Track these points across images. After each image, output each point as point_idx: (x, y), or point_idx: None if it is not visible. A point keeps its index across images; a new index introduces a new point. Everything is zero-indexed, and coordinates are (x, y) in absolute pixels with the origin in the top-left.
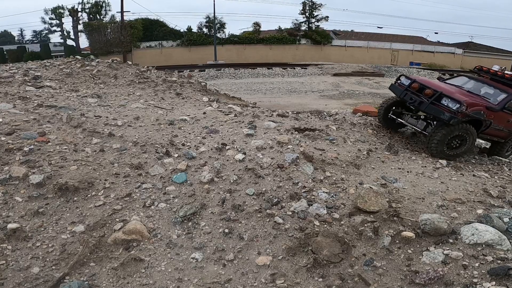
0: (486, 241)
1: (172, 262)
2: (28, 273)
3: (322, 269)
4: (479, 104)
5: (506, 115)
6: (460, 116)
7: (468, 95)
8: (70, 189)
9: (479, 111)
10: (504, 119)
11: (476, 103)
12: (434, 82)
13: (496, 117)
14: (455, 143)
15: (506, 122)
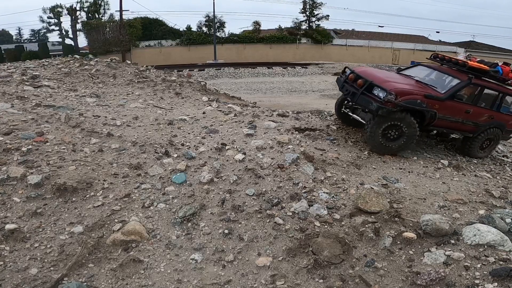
0: (488, 242)
1: (172, 263)
2: (26, 274)
3: (323, 270)
4: (413, 93)
5: (460, 104)
6: (390, 105)
7: (409, 84)
8: (68, 190)
9: (413, 99)
10: (460, 110)
11: (409, 92)
12: (373, 72)
13: (445, 107)
14: (393, 134)
15: (465, 113)
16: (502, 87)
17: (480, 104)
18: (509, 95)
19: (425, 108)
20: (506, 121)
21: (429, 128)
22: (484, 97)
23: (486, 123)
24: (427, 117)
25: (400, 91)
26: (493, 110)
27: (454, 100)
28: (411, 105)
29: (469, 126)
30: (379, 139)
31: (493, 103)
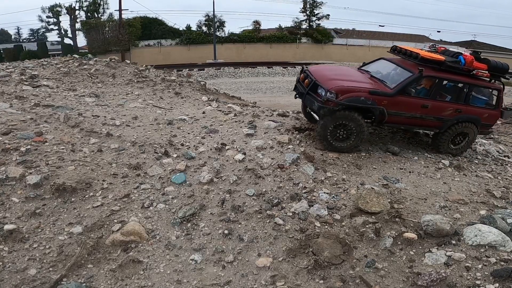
0: (489, 243)
1: (171, 264)
2: (25, 275)
3: (323, 270)
4: (355, 90)
5: (414, 99)
6: (331, 104)
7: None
8: (67, 190)
9: (356, 97)
10: (415, 105)
11: (351, 89)
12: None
13: (396, 103)
14: (342, 134)
15: (421, 108)
16: (466, 77)
17: (442, 98)
18: (477, 86)
19: (370, 105)
20: (480, 114)
21: (384, 125)
22: (445, 89)
23: (453, 117)
24: (376, 114)
25: (341, 89)
26: (460, 103)
27: (405, 95)
28: (354, 103)
29: (432, 122)
30: (328, 139)
31: (458, 96)
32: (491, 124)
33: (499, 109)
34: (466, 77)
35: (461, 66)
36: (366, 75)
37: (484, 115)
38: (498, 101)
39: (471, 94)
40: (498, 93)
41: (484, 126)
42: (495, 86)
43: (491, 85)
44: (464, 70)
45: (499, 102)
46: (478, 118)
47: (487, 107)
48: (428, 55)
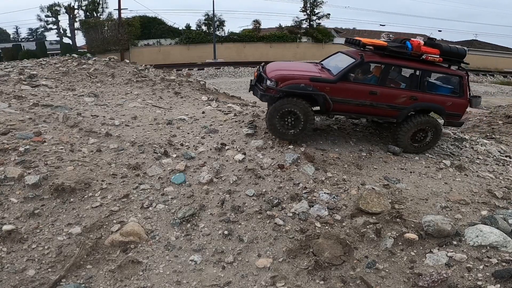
0: (490, 243)
1: (171, 265)
2: (24, 276)
3: (324, 271)
4: (295, 78)
5: (360, 86)
6: (272, 92)
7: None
8: (66, 190)
9: (296, 84)
10: (361, 91)
11: (291, 77)
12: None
13: (339, 90)
14: (290, 121)
15: (370, 94)
16: (417, 63)
17: (395, 84)
18: (432, 71)
19: (311, 91)
20: (442, 102)
21: (332, 113)
22: (397, 76)
23: (408, 105)
24: (320, 101)
25: (280, 77)
26: (414, 90)
27: (349, 82)
28: (293, 89)
29: (385, 110)
30: (277, 127)
31: (412, 83)
32: (459, 114)
33: (466, 97)
34: (416, 62)
35: (408, 51)
36: (318, 67)
37: (448, 103)
38: (463, 88)
39: (426, 80)
40: (460, 80)
41: (451, 116)
42: (455, 72)
43: (450, 71)
44: (412, 55)
45: (464, 90)
46: (440, 107)
47: (452, 95)
48: (369, 41)
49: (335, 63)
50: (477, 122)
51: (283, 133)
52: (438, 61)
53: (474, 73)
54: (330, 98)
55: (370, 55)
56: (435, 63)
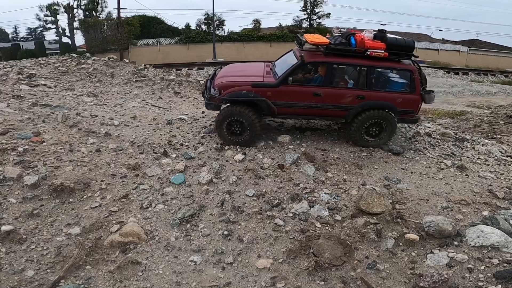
0: (492, 244)
1: (170, 265)
2: (23, 277)
3: (324, 272)
4: (237, 85)
5: (302, 88)
6: (216, 101)
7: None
8: (65, 190)
9: (237, 91)
10: (304, 93)
11: (233, 84)
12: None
13: (282, 93)
14: (236, 129)
15: (314, 96)
16: (362, 59)
17: (342, 84)
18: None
19: (253, 97)
20: (392, 100)
21: (279, 116)
22: (343, 75)
23: (356, 105)
24: (263, 106)
25: (223, 86)
26: (361, 88)
27: (291, 85)
28: (235, 97)
29: (332, 111)
30: (225, 134)
31: (359, 81)
32: (413, 111)
33: (418, 92)
34: (361, 59)
35: (352, 47)
36: (267, 69)
37: (398, 100)
38: (414, 83)
39: (373, 77)
40: (411, 74)
41: (404, 113)
42: (404, 66)
43: (399, 66)
44: (357, 51)
45: (416, 85)
46: (391, 105)
47: (403, 92)
48: (312, 40)
49: (283, 64)
50: (478, 122)
51: (232, 140)
52: (383, 56)
53: (475, 72)
54: (273, 102)
55: (312, 55)
56: (381, 58)
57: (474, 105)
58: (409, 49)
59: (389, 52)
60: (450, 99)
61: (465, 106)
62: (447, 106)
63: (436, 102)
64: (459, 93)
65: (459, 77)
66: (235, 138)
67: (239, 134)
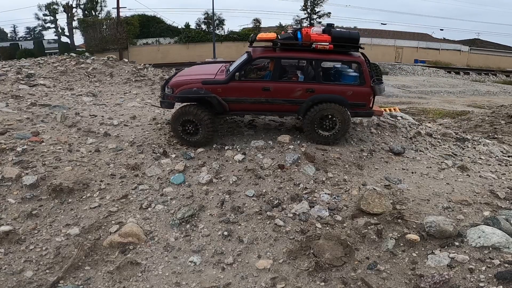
0: (493, 244)
1: (170, 266)
2: (21, 277)
3: (324, 273)
4: (189, 83)
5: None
6: (169, 99)
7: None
8: (64, 191)
9: (189, 89)
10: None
11: (185, 83)
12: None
13: (232, 89)
14: (191, 128)
15: (263, 91)
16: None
17: (292, 78)
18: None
19: (203, 94)
20: (341, 93)
21: (231, 113)
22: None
23: (306, 98)
24: (214, 103)
25: (176, 84)
26: (311, 82)
27: (240, 81)
28: (186, 94)
29: (284, 105)
30: (180, 134)
31: (308, 74)
32: (364, 104)
33: (368, 84)
34: (308, 52)
35: (299, 41)
36: (223, 68)
37: (348, 93)
38: (363, 75)
39: (321, 70)
40: (359, 66)
41: (356, 106)
42: (352, 58)
43: (346, 58)
44: (304, 45)
45: (365, 77)
46: (341, 98)
47: (353, 84)
48: (260, 36)
49: (236, 63)
50: (479, 122)
51: (187, 140)
52: (329, 49)
53: (477, 72)
54: (223, 98)
55: (262, 51)
56: (328, 51)
57: (475, 105)
58: (354, 41)
59: (335, 45)
60: (451, 99)
61: (466, 106)
62: (448, 106)
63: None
64: (460, 93)
65: (460, 76)
66: (189, 137)
67: (193, 134)
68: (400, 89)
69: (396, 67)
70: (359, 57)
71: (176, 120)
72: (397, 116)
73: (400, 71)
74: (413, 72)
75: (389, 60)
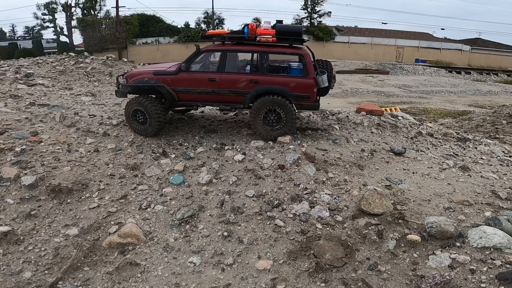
0: (494, 245)
1: (169, 267)
2: (20, 278)
3: (325, 273)
4: (141, 74)
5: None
6: (124, 89)
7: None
8: (63, 191)
9: (141, 79)
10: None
11: (137, 74)
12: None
13: (181, 80)
14: (140, 117)
15: (209, 81)
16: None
17: (239, 70)
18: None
19: (153, 84)
20: (285, 84)
21: (180, 103)
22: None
23: (251, 89)
24: (164, 93)
25: (130, 75)
26: (255, 73)
27: (189, 72)
28: (138, 83)
29: (230, 96)
30: (132, 123)
31: (251, 66)
32: (308, 96)
33: (311, 76)
34: (254, 45)
35: (245, 35)
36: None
37: (291, 84)
38: (307, 67)
39: (265, 62)
40: (302, 58)
41: (300, 98)
42: (295, 50)
43: (290, 50)
44: (250, 38)
45: (309, 68)
46: (284, 89)
47: (296, 76)
48: (210, 32)
49: None
50: (481, 122)
51: (137, 129)
52: (272, 41)
53: (478, 72)
54: (172, 89)
55: (211, 45)
56: (273, 44)
57: (476, 105)
58: (296, 34)
59: (279, 38)
60: (452, 99)
61: (467, 105)
62: (449, 105)
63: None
64: (461, 92)
65: (461, 76)
66: (139, 126)
67: (142, 123)
68: (401, 88)
69: (397, 66)
70: (302, 50)
71: (128, 109)
72: (398, 116)
73: (401, 70)
74: (414, 71)
75: (390, 60)
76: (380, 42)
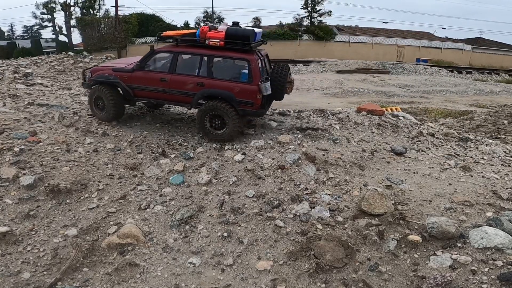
0: (495, 245)
1: (169, 267)
2: (19, 279)
3: (325, 274)
4: (104, 69)
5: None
6: (88, 82)
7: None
8: (62, 191)
9: (101, 74)
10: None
11: (100, 69)
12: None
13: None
14: (100, 105)
15: (160, 81)
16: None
17: (188, 71)
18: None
19: (112, 80)
20: (230, 89)
21: (136, 98)
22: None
23: (197, 91)
24: (121, 88)
25: (94, 70)
26: (202, 76)
27: (143, 70)
28: (99, 78)
29: (178, 96)
30: (94, 110)
31: (199, 69)
32: (251, 102)
33: (255, 82)
34: (203, 48)
35: (197, 38)
36: None
37: (236, 89)
38: (252, 73)
39: (212, 65)
40: (248, 64)
41: (243, 104)
42: (242, 56)
43: (237, 55)
44: (200, 41)
45: (254, 74)
46: (228, 93)
47: (241, 81)
48: (165, 33)
49: None
50: (482, 121)
51: (99, 115)
52: (220, 45)
53: (479, 71)
54: (128, 85)
55: (165, 46)
56: (221, 48)
57: (477, 105)
58: (245, 39)
59: (227, 42)
60: (453, 98)
61: (469, 105)
62: (450, 105)
63: (439, 102)
64: (462, 92)
65: (462, 76)
66: (100, 112)
67: (101, 110)
68: (402, 88)
69: (398, 66)
70: (249, 55)
71: (91, 97)
72: (398, 115)
73: (401, 70)
74: (415, 71)
75: (390, 59)
76: (380, 41)
